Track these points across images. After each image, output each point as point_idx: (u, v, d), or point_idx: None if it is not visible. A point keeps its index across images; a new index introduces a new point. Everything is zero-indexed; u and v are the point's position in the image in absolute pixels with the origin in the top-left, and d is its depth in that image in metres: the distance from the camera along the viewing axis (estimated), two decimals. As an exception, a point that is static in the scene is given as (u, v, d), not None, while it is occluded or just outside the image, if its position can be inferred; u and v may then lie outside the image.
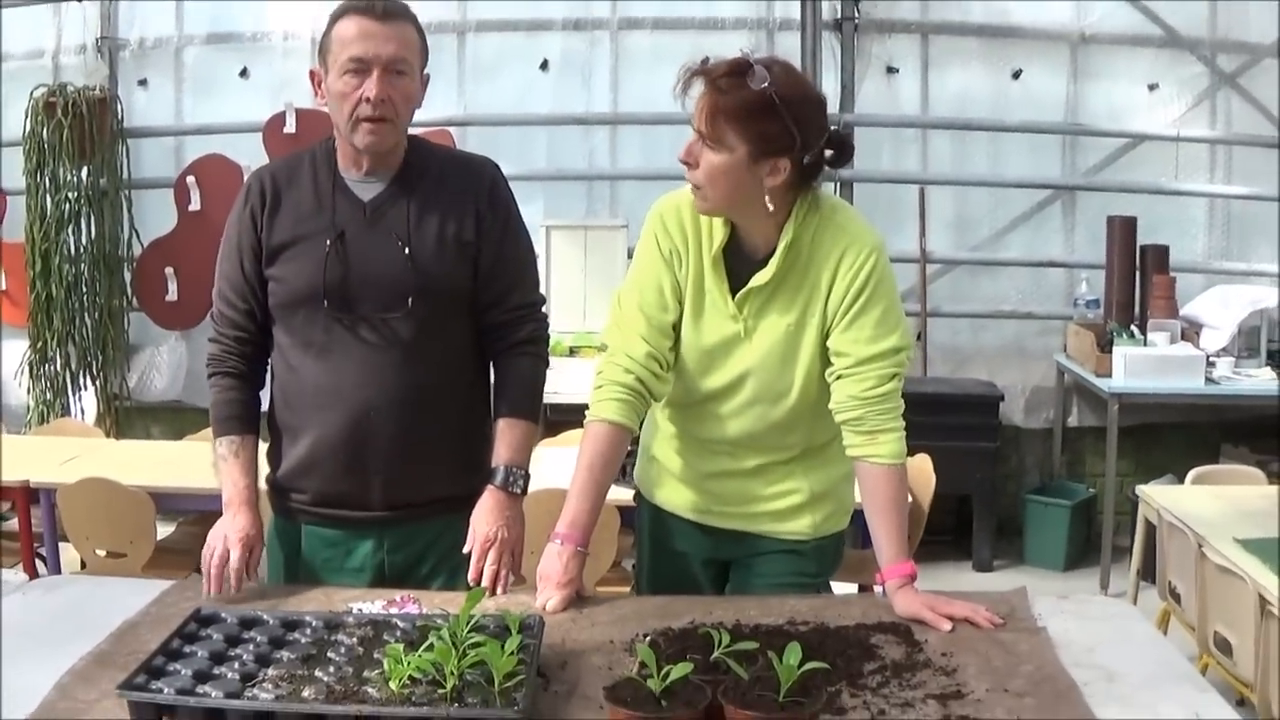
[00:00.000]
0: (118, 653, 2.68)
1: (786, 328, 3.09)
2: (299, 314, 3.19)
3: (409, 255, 3.16)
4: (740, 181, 2.94)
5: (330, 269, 3.15)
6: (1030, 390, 8.31)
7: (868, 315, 3.05)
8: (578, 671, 2.60)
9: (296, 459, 3.27)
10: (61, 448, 6.15)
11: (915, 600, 2.92)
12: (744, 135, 2.89)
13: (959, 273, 8.55)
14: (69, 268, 8.38)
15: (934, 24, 8.38)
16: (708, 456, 3.28)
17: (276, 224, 3.21)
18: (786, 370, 3.12)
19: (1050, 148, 8.48)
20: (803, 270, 3.06)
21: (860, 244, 3.05)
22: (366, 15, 3.08)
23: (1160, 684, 2.56)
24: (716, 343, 3.13)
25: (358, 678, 2.40)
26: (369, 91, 3.06)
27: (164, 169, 8.64)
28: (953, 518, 7.83)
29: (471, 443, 3.30)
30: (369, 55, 3.06)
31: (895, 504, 3.07)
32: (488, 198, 3.27)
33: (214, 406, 3.29)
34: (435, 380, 3.23)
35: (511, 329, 3.31)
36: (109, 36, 8.72)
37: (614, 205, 8.44)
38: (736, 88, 2.87)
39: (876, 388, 3.05)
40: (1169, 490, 5.61)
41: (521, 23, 8.48)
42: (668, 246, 3.14)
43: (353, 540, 3.28)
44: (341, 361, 3.18)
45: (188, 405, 8.55)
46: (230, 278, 3.27)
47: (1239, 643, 4.28)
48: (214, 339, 3.32)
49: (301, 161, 3.30)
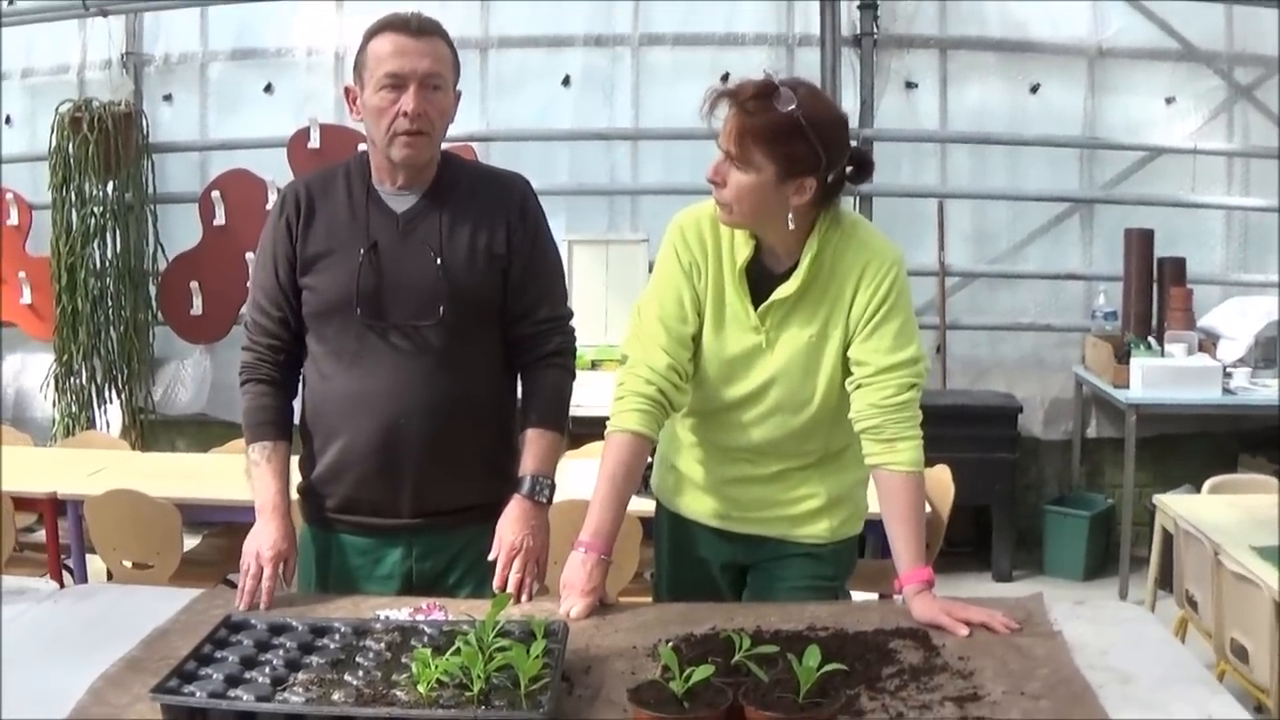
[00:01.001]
0: (149, 658, 2.72)
1: (809, 339, 3.13)
2: (332, 322, 3.24)
3: (441, 265, 3.21)
4: (767, 200, 2.99)
5: (364, 278, 3.20)
6: (1049, 402, 8.33)
7: (888, 326, 3.09)
8: (602, 676, 2.63)
9: (327, 466, 3.31)
10: (88, 460, 6.20)
11: (933, 605, 2.95)
12: (771, 156, 2.94)
13: (978, 285, 8.57)
14: (95, 282, 8.45)
15: (952, 39, 8.41)
16: (729, 463, 3.31)
17: (311, 234, 3.27)
18: (809, 380, 3.16)
19: (1068, 161, 8.51)
20: (825, 284, 3.11)
21: (882, 259, 3.10)
22: (402, 32, 3.15)
23: (1174, 685, 2.58)
24: (738, 353, 3.17)
25: (386, 681, 2.44)
26: (406, 106, 3.12)
27: (189, 184, 8.69)
28: (972, 528, 7.83)
29: (499, 452, 3.34)
30: (405, 70, 3.12)
31: (913, 511, 3.11)
32: (519, 212, 3.32)
33: (246, 413, 3.33)
34: (465, 389, 3.27)
35: (539, 341, 3.35)
36: (134, 52, 8.80)
37: (635, 220, 8.47)
38: (764, 110, 2.91)
39: (895, 396, 3.09)
40: (1186, 500, 5.63)
41: (543, 39, 8.53)
42: (688, 259, 3.17)
43: (382, 548, 3.32)
44: (373, 369, 3.23)
45: (212, 418, 8.60)
46: (265, 286, 3.32)
47: (1255, 649, 4.31)
48: (247, 346, 3.36)
49: (336, 174, 3.35)
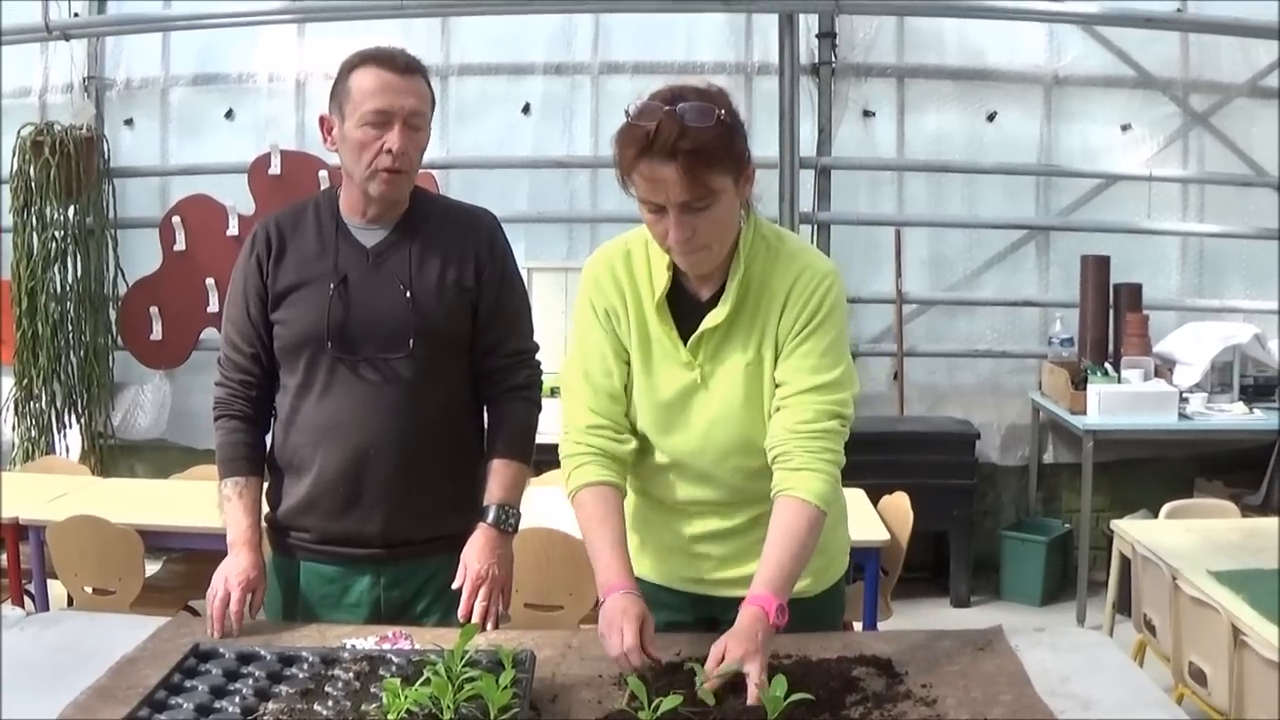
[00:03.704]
0: (117, 687, 2.72)
1: (746, 367, 2.94)
2: (303, 355, 3.26)
3: (411, 298, 3.24)
4: (735, 215, 2.87)
5: (333, 311, 3.22)
6: (1006, 428, 8.37)
7: (816, 341, 2.89)
8: (568, 704, 2.64)
9: (297, 497, 3.33)
10: (48, 485, 6.18)
11: (747, 642, 2.60)
12: (726, 169, 2.74)
13: (935, 313, 8.62)
14: (55, 306, 8.41)
15: (910, 68, 8.46)
16: (692, 519, 3.11)
17: (282, 270, 3.28)
18: (753, 411, 2.96)
19: (1024, 188, 8.57)
20: (755, 304, 2.93)
21: (813, 270, 2.94)
22: (388, 68, 3.16)
23: (1134, 710, 2.62)
24: (674, 395, 2.99)
25: (356, 711, 2.45)
26: (391, 144, 3.14)
27: (149, 209, 8.68)
28: (930, 554, 7.87)
29: (466, 482, 3.35)
30: (392, 108, 3.14)
31: (794, 537, 2.78)
32: (488, 247, 3.35)
33: (220, 448, 3.36)
34: (433, 420, 3.29)
35: (506, 374, 3.39)
36: (96, 76, 8.78)
37: (594, 247, 8.20)
38: (697, 137, 2.67)
39: (814, 422, 2.84)
40: (1143, 524, 5.66)
41: (504, 67, 8.55)
42: (603, 306, 3.03)
43: (350, 577, 3.34)
44: (343, 400, 3.25)
45: (171, 443, 8.58)
46: (237, 323, 3.34)
47: (1214, 673, 4.34)
48: (220, 382, 3.38)
49: (305, 210, 3.36)
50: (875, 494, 5.67)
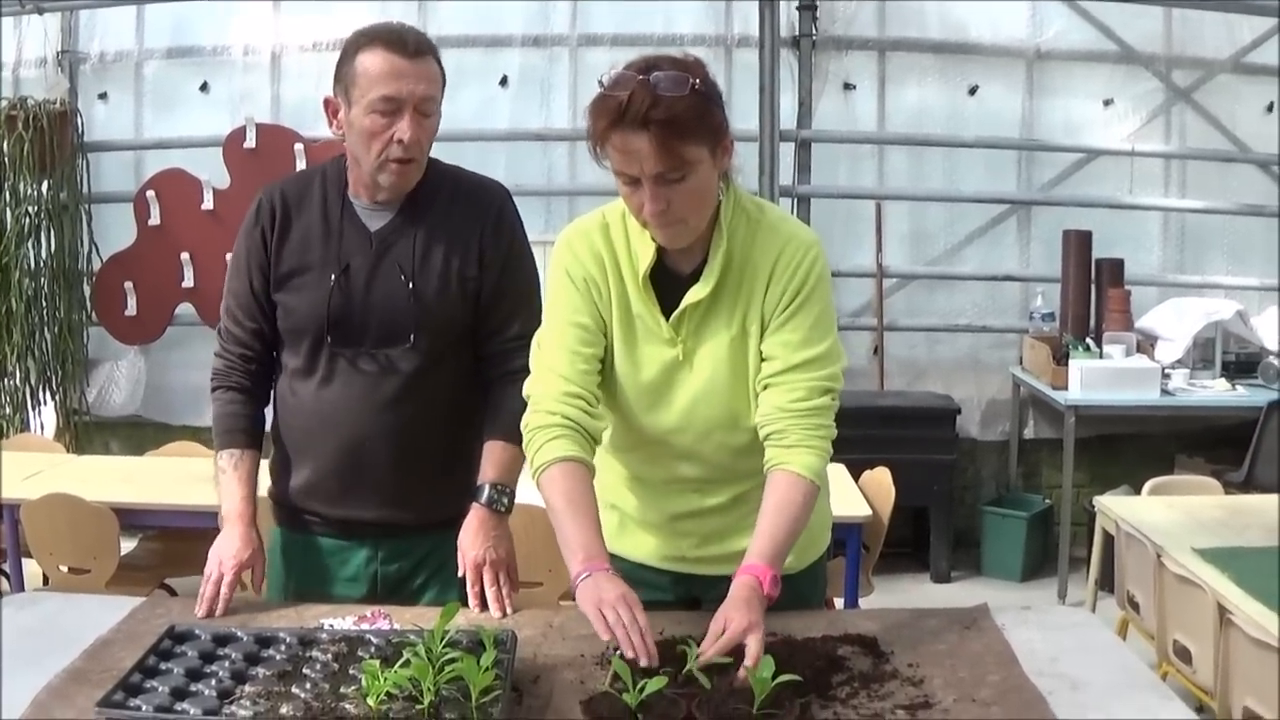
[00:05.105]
0: (92, 669, 2.68)
1: (730, 341, 2.89)
2: (303, 342, 3.22)
3: (412, 290, 3.17)
4: (712, 187, 2.81)
5: (334, 302, 3.16)
6: (986, 403, 8.39)
7: (803, 317, 2.86)
8: (550, 685, 2.61)
9: (296, 479, 3.30)
10: (23, 463, 6.12)
11: (742, 615, 2.59)
12: (701, 140, 2.69)
13: (915, 287, 8.61)
14: (29, 282, 8.36)
15: (891, 41, 8.43)
16: (674, 497, 3.07)
17: (286, 250, 3.21)
18: (738, 387, 2.91)
19: (1006, 163, 8.56)
20: (738, 278, 2.88)
21: (797, 243, 2.89)
22: (398, 51, 3.03)
23: (1123, 691, 2.60)
24: (657, 374, 2.93)
25: (334, 694, 2.42)
26: (402, 134, 3.03)
27: (124, 183, 8.61)
28: (910, 530, 7.87)
29: (465, 468, 3.29)
30: (402, 95, 3.02)
31: (787, 509, 2.77)
32: (492, 229, 3.26)
33: (216, 420, 3.30)
34: (433, 411, 3.24)
35: (508, 358, 3.27)
36: (69, 50, 8.69)
37: (572, 220, 8.37)
38: (670, 106, 2.63)
39: (805, 400, 2.82)
40: (1127, 501, 5.66)
41: (481, 39, 8.49)
42: (581, 275, 2.94)
43: (348, 551, 3.31)
44: (342, 391, 3.20)
45: (147, 420, 8.55)
46: (238, 295, 3.27)
47: (1198, 651, 4.33)
48: (219, 353, 3.32)
49: (312, 182, 3.27)
50: (856, 469, 5.65)
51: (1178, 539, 4.73)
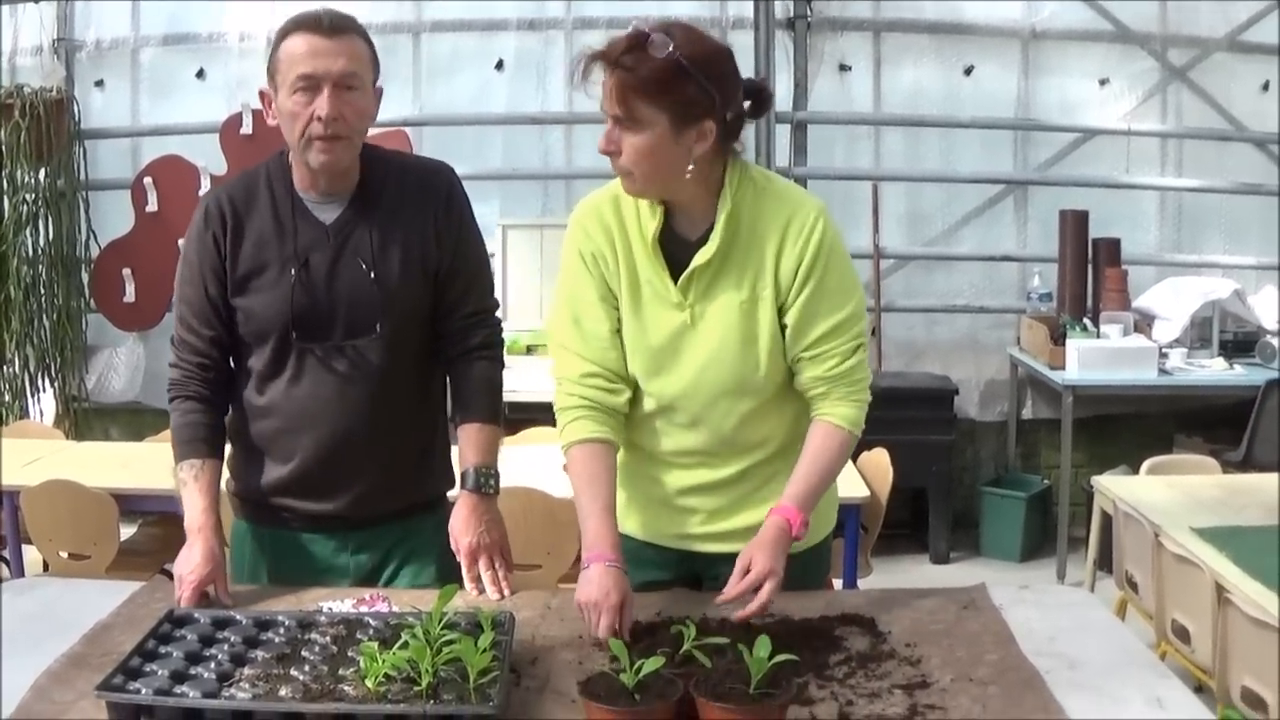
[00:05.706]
0: (92, 654, 2.70)
1: (740, 305, 2.93)
2: (267, 343, 3.17)
3: (375, 279, 3.15)
4: (667, 155, 2.83)
5: (297, 299, 3.13)
6: (984, 383, 8.38)
7: (824, 285, 2.92)
8: (548, 667, 2.63)
9: (266, 478, 3.26)
10: (23, 450, 6.11)
11: (766, 556, 2.77)
12: (661, 106, 2.78)
13: (912, 268, 8.60)
14: (27, 269, 8.35)
15: (886, 21, 8.42)
16: (681, 471, 3.10)
17: (241, 253, 3.17)
18: (748, 352, 2.95)
19: (1002, 143, 8.56)
20: (746, 243, 2.93)
21: (804, 210, 2.94)
22: (314, 31, 3.03)
23: (1121, 670, 2.60)
24: (665, 338, 2.98)
25: (333, 676, 2.42)
26: (320, 110, 3.00)
27: (121, 170, 8.60)
28: (909, 511, 7.86)
29: (434, 451, 3.34)
30: (319, 72, 3.00)
31: (821, 454, 2.95)
32: (445, 206, 3.25)
33: (175, 430, 3.23)
34: (402, 398, 3.24)
35: (466, 335, 3.28)
36: (65, 38, 8.67)
37: (569, 204, 8.24)
38: (641, 61, 2.75)
39: (840, 364, 2.94)
40: (1125, 481, 5.66)
41: (476, 23, 8.49)
42: (590, 250, 3.01)
43: (317, 542, 3.29)
44: (313, 388, 3.17)
45: (146, 406, 8.51)
46: (193, 303, 3.21)
47: (1197, 630, 4.33)
48: (175, 364, 3.25)
49: (257, 182, 3.22)
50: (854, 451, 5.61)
51: (1176, 518, 4.73)
